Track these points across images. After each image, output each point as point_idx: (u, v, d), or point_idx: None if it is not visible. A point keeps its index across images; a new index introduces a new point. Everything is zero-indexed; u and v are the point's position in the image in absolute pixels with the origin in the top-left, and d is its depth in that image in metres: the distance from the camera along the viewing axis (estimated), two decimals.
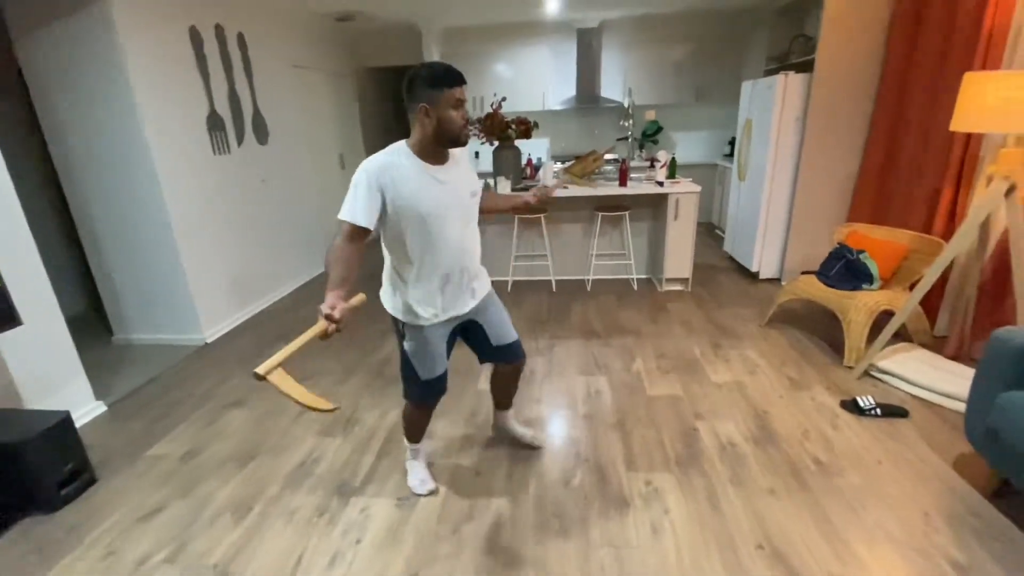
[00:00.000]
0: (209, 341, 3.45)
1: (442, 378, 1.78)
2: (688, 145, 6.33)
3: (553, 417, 2.42)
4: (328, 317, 1.31)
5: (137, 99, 2.93)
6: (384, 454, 2.20)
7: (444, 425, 2.38)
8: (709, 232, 5.86)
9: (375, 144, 6.44)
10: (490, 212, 1.88)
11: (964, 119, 2.14)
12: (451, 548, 1.69)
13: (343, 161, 5.64)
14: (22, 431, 1.89)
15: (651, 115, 6.04)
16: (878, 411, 2.31)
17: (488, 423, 2.36)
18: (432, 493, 1.93)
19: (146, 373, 3.04)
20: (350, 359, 3.10)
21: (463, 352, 3.10)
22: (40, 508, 1.94)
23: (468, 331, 1.83)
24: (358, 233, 1.47)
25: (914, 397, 2.45)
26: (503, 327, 1.85)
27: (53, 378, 2.41)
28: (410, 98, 1.49)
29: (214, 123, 3.56)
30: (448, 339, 1.76)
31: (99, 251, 3.31)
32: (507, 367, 1.95)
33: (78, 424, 2.43)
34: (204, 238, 3.46)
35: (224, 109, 3.67)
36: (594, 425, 2.33)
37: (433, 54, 5.70)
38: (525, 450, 2.17)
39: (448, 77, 1.44)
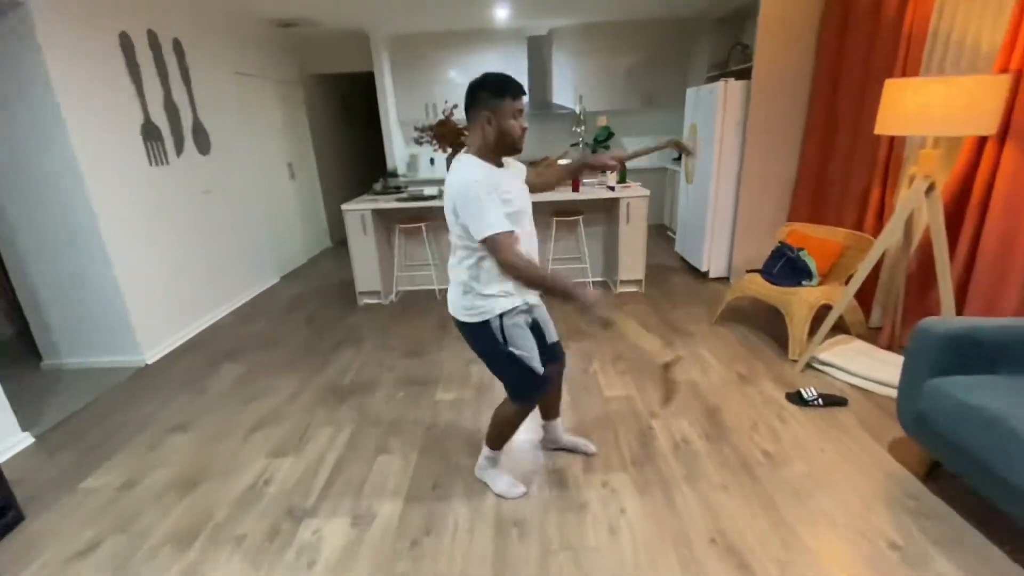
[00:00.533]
0: (149, 362, 3.27)
1: (544, 374, 1.76)
2: None
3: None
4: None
5: (63, 109, 2.76)
6: (338, 472, 2.13)
7: (401, 440, 2.34)
8: (661, 233, 6.02)
9: (326, 152, 6.31)
10: (547, 187, 1.94)
11: (886, 123, 2.28)
12: (409, 565, 1.65)
13: (292, 170, 5.48)
14: None
15: (603, 121, 6.14)
16: (820, 401, 2.42)
17: (447, 434, 2.34)
18: (525, 494, 1.91)
19: (79, 400, 2.85)
20: (302, 374, 3.00)
21: (415, 363, 3.07)
22: None
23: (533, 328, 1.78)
24: (514, 238, 1.52)
25: (852, 386, 2.58)
26: (550, 325, 1.86)
27: None
28: (473, 106, 1.55)
29: (149, 133, 3.39)
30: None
31: (24, 271, 3.08)
32: (555, 367, 1.88)
33: (1, 459, 2.26)
34: (142, 253, 3.29)
35: (160, 118, 3.50)
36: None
37: (383, 61, 5.64)
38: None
39: (510, 88, 1.52)
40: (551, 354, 1.84)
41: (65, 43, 2.80)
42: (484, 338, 1.68)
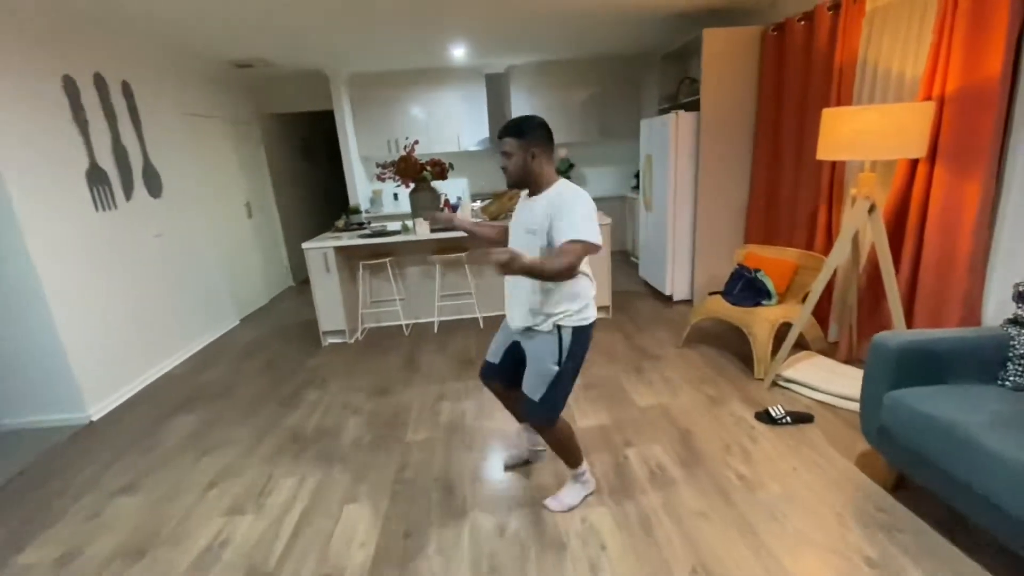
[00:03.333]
0: (95, 419, 3.05)
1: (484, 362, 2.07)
2: (598, 180, 6.67)
3: (485, 463, 2.34)
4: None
5: None
6: (303, 526, 2.01)
7: (369, 486, 2.23)
8: (625, 260, 6.14)
9: (286, 191, 6.22)
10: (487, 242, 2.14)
11: (826, 149, 2.42)
12: None
13: (250, 210, 5.36)
14: None
15: (563, 153, 6.32)
16: (788, 419, 2.46)
17: (418, 476, 2.25)
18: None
19: (15, 464, 2.62)
20: (262, 422, 2.86)
21: (382, 402, 2.97)
22: None
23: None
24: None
25: (817, 402, 2.64)
26: (527, 378, 1.86)
27: None
28: (522, 136, 1.71)
29: (96, 177, 3.26)
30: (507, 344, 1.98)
31: None
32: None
33: None
34: (88, 303, 3.10)
35: (108, 162, 3.37)
36: (527, 466, 2.28)
37: (343, 99, 5.65)
38: (456, 504, 2.07)
39: (553, 138, 1.77)
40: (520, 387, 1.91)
41: (2, 88, 2.68)
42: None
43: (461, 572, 1.72)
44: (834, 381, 2.68)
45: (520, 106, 6.13)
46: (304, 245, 3.88)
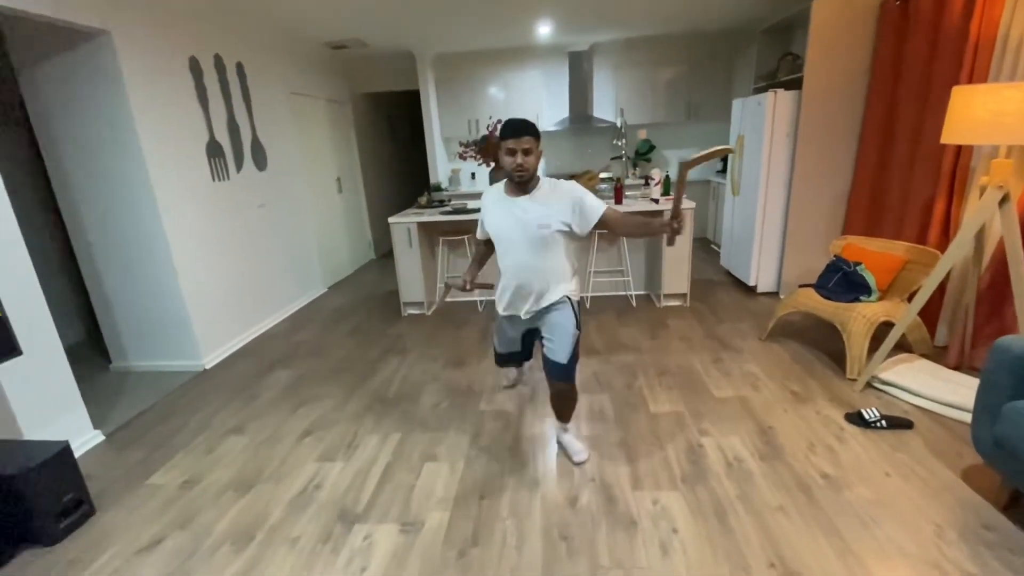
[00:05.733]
0: (208, 367, 3.43)
1: (502, 355, 2.36)
2: None
3: (555, 437, 2.39)
4: None
5: (138, 129, 2.97)
6: (387, 478, 2.17)
7: (447, 448, 2.36)
8: (705, 247, 5.90)
9: (372, 168, 6.52)
10: (623, 235, 2.27)
11: (954, 132, 2.18)
12: (457, 575, 1.66)
13: (340, 185, 5.69)
14: (21, 462, 1.86)
15: (643, 134, 6.13)
16: (883, 423, 2.29)
17: (492, 445, 2.35)
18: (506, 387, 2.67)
19: (144, 401, 3.01)
20: (349, 382, 3.08)
21: (458, 373, 3.09)
22: (39, 541, 1.90)
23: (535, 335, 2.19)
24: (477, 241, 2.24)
25: (918, 408, 2.44)
26: (551, 344, 2.01)
27: (51, 408, 2.38)
28: (538, 137, 1.86)
29: (213, 151, 3.60)
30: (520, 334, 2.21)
31: (98, 279, 3.30)
32: (550, 384, 2.10)
33: (76, 454, 2.39)
34: (203, 264, 3.47)
35: (223, 137, 3.71)
36: (598, 444, 2.31)
37: (428, 79, 5.80)
38: (528, 474, 2.14)
39: (504, 131, 1.84)
40: (546, 366, 2.06)
41: (142, 68, 3.02)
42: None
43: (533, 536, 1.79)
44: (940, 387, 2.46)
45: (603, 84, 6.00)
46: (390, 220, 4.07)
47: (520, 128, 1.81)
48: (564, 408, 2.17)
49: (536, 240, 1.89)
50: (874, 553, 1.64)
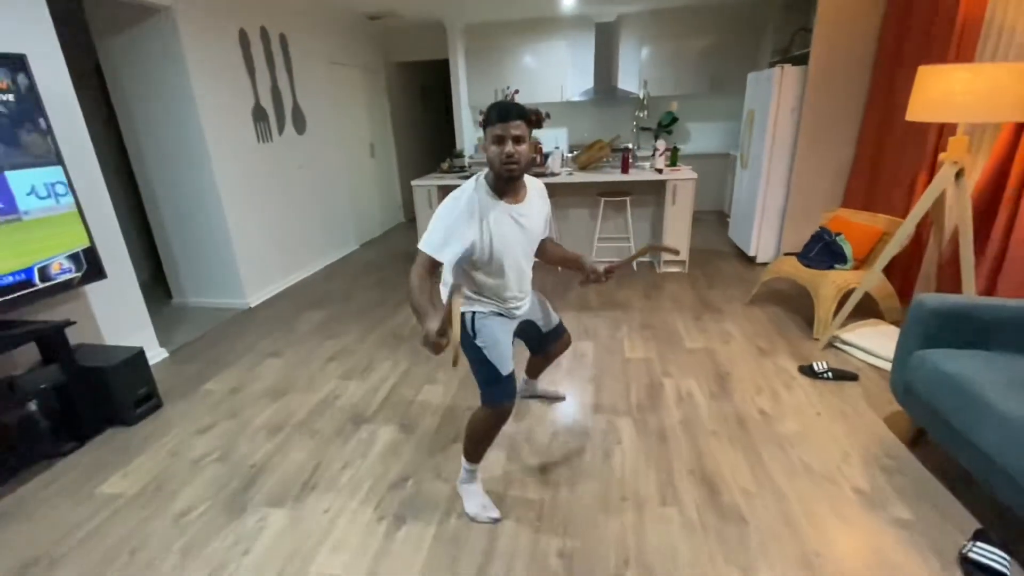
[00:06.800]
0: (252, 306, 3.96)
1: (511, 376, 1.76)
2: (704, 135, 6.50)
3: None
4: None
5: (195, 93, 3.42)
6: (393, 394, 2.61)
7: (445, 375, 2.77)
8: (720, 220, 6.04)
9: (403, 134, 6.88)
10: (549, 263, 1.99)
11: (915, 110, 2.35)
12: (438, 461, 2.08)
13: (373, 150, 6.09)
14: (107, 359, 2.39)
15: (673, 106, 6.22)
16: (830, 374, 2.56)
17: None
18: (496, 521, 1.75)
19: (200, 329, 3.56)
20: (371, 322, 3.54)
21: None
22: (121, 422, 2.44)
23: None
24: (427, 261, 1.63)
25: (869, 365, 2.68)
26: (548, 315, 2.04)
27: (127, 324, 2.92)
28: (530, 124, 1.53)
29: (259, 115, 4.04)
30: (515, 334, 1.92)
31: (162, 226, 3.85)
32: (555, 345, 2.11)
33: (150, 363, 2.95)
34: (249, 216, 3.96)
35: (268, 102, 4.15)
36: (573, 379, 2.67)
37: (458, 49, 6.06)
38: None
39: (491, 115, 1.50)
40: (551, 336, 2.05)
41: (198, 39, 3.45)
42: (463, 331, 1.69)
43: (502, 438, 2.18)
44: (891, 347, 2.67)
45: (629, 56, 6.11)
46: (413, 183, 4.46)
47: (510, 111, 1.47)
48: (559, 355, 2.21)
49: (525, 255, 1.74)
50: (782, 468, 1.96)
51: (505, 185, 1.59)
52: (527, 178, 1.70)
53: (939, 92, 2.21)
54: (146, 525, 1.83)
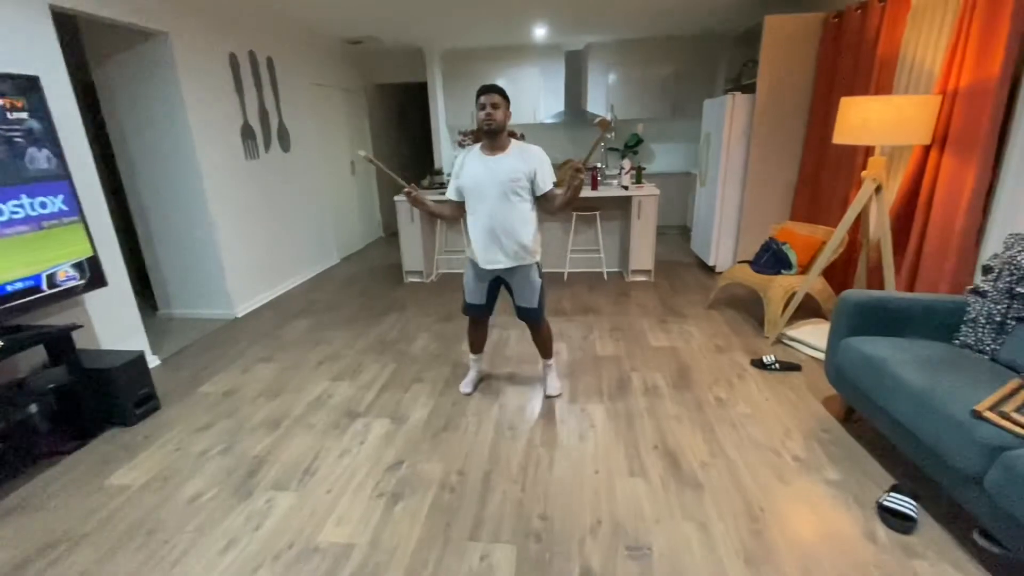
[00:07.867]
0: (239, 316, 4.08)
1: (471, 305, 2.58)
2: (667, 155, 6.95)
3: (519, 371, 3.00)
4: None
5: (188, 112, 3.59)
6: (383, 392, 2.80)
7: (432, 375, 2.98)
8: (684, 234, 6.44)
9: (383, 152, 7.11)
10: (556, 212, 2.42)
11: (840, 134, 2.74)
12: (429, 447, 2.28)
13: (354, 168, 6.30)
14: (109, 362, 2.52)
15: (641, 128, 6.66)
16: (777, 366, 2.88)
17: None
18: (467, 395, 2.71)
19: (188, 338, 3.67)
20: (357, 329, 3.71)
21: (447, 326, 3.67)
22: (122, 422, 2.56)
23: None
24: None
25: (811, 358, 3.02)
26: (521, 291, 2.46)
27: (123, 331, 3.04)
28: (505, 98, 2.24)
29: (247, 133, 4.22)
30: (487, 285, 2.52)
31: (149, 238, 3.96)
32: (529, 327, 2.62)
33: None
34: (236, 231, 4.11)
35: (255, 121, 4.33)
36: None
37: (436, 73, 6.37)
38: (491, 389, 2.76)
39: (480, 91, 2.22)
40: (521, 313, 2.52)
41: (192, 62, 3.64)
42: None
43: (488, 427, 2.41)
44: None
45: (597, 82, 6.52)
46: (396, 197, 4.68)
47: (490, 88, 2.18)
48: (544, 344, 2.62)
49: (508, 190, 2.23)
50: (733, 443, 2.24)
51: (486, 138, 2.27)
52: (523, 144, 2.32)
53: (858, 119, 2.59)
54: (159, 510, 1.97)
